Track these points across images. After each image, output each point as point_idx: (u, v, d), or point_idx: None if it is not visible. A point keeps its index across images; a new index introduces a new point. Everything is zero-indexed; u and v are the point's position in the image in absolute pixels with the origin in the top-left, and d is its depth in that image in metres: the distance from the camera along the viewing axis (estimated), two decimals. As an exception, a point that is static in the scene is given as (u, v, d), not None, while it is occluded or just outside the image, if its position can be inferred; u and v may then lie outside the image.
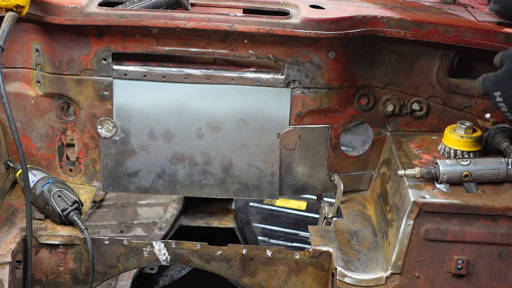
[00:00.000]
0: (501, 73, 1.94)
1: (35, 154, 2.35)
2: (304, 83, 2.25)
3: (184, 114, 2.29)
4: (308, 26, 2.16)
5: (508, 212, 1.96)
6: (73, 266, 2.16)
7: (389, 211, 2.12)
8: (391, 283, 2.01)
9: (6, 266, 1.97)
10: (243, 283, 2.20)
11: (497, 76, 1.95)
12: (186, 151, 2.32)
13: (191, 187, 2.36)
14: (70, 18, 2.14)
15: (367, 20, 2.21)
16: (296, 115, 2.29)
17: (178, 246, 2.16)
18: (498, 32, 2.23)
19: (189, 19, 2.16)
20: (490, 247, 1.98)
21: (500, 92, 1.93)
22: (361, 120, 2.36)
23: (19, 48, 2.25)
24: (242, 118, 2.29)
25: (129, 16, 2.14)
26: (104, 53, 2.21)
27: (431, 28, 2.21)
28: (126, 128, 2.30)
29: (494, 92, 1.95)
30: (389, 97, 2.31)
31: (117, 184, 2.35)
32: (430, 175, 2.05)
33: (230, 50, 2.22)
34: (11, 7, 2.04)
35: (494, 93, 1.95)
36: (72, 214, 2.13)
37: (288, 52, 2.21)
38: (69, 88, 2.26)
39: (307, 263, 2.15)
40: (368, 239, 2.18)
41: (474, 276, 2.00)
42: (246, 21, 2.16)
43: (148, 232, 3.32)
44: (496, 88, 1.94)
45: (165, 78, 2.25)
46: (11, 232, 2.10)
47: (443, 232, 1.98)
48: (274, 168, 2.34)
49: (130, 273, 3.00)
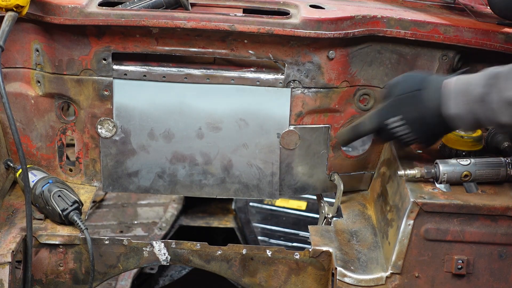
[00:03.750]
0: (397, 97, 2.01)
1: (35, 154, 2.35)
2: (304, 83, 2.25)
3: (184, 114, 2.29)
4: (308, 26, 2.16)
5: (508, 212, 1.96)
6: (73, 266, 2.16)
7: (389, 211, 2.12)
8: (391, 283, 2.01)
9: (6, 266, 1.97)
10: (243, 283, 2.20)
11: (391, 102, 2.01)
12: (186, 151, 2.32)
13: (191, 187, 2.36)
14: (70, 18, 2.14)
15: (367, 20, 2.21)
16: (296, 115, 2.29)
17: (178, 246, 2.16)
18: (498, 32, 2.23)
19: (189, 19, 2.16)
20: (490, 247, 1.98)
21: (402, 115, 1.98)
22: (361, 120, 2.36)
23: (19, 48, 2.25)
24: (242, 118, 2.29)
25: (129, 16, 2.14)
26: (104, 53, 2.21)
27: (431, 28, 2.21)
28: (126, 128, 2.30)
29: (392, 118, 2.00)
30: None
31: (117, 184, 2.35)
32: (430, 175, 2.05)
33: (230, 50, 2.22)
34: (11, 7, 2.04)
35: (391, 119, 2.00)
36: (72, 214, 2.13)
37: (288, 52, 2.21)
38: (69, 88, 2.26)
39: (307, 263, 2.15)
40: (368, 239, 2.18)
41: (474, 276, 2.00)
42: (246, 21, 2.16)
43: (148, 232, 3.32)
44: (395, 113, 2.00)
45: (165, 78, 2.25)
46: (11, 232, 2.10)
47: (443, 232, 1.98)
48: (274, 168, 2.34)
49: (130, 273, 3.00)
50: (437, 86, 1.94)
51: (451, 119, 1.90)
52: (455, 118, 1.90)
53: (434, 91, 1.94)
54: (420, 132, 1.99)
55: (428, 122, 1.96)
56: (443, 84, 1.93)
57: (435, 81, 1.96)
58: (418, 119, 1.97)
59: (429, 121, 1.95)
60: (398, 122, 2.00)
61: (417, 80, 2.00)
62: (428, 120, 1.95)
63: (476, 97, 1.83)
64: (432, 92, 1.94)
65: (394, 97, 2.02)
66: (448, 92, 1.90)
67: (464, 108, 1.87)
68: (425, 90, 1.96)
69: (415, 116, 1.97)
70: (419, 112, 1.96)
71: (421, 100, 1.95)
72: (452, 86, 1.91)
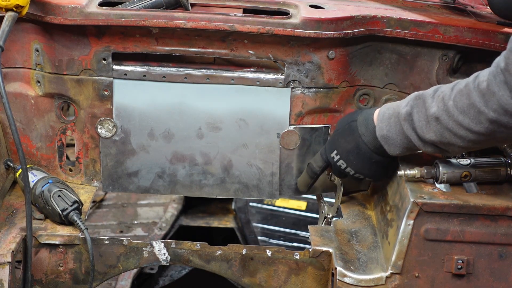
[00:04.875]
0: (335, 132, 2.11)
1: (35, 154, 2.35)
2: (304, 83, 2.25)
3: (184, 114, 2.29)
4: (308, 26, 2.16)
5: (508, 212, 1.96)
6: (73, 266, 2.16)
7: (389, 211, 2.12)
8: (391, 283, 2.01)
9: (6, 266, 1.97)
10: (243, 283, 2.20)
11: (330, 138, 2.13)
12: (186, 151, 2.32)
13: (191, 187, 2.36)
14: (70, 18, 2.14)
15: (367, 20, 2.21)
16: (296, 115, 2.29)
17: (178, 246, 2.16)
18: (498, 32, 2.23)
19: (189, 19, 2.16)
20: (490, 247, 1.98)
21: (336, 150, 2.08)
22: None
23: (19, 48, 2.25)
24: (242, 118, 2.29)
25: (129, 16, 2.15)
26: (104, 53, 2.21)
27: (431, 28, 2.21)
28: (126, 128, 2.30)
29: (331, 154, 2.10)
30: (389, 97, 2.31)
31: (117, 184, 2.35)
32: (430, 175, 2.05)
33: (230, 50, 2.22)
34: (11, 7, 2.04)
35: (332, 155, 2.10)
36: (72, 214, 2.13)
37: (288, 52, 2.21)
38: (69, 88, 2.26)
39: (307, 263, 2.15)
40: (368, 239, 2.18)
41: (474, 276, 2.00)
42: (246, 21, 2.16)
43: (148, 232, 3.32)
44: (333, 148, 2.09)
45: (165, 78, 2.25)
46: (11, 232, 2.10)
47: (443, 232, 1.98)
48: (274, 168, 2.34)
49: (130, 273, 3.00)
50: (370, 113, 2.03)
51: (383, 140, 1.99)
52: (386, 139, 1.98)
53: (366, 118, 2.04)
54: (356, 164, 2.07)
55: (362, 151, 2.04)
56: (376, 111, 2.03)
57: (369, 110, 2.06)
58: (352, 149, 2.06)
59: (363, 148, 2.03)
60: (337, 156, 2.09)
61: (353, 114, 2.11)
62: (362, 148, 2.03)
63: (404, 116, 1.93)
64: (364, 120, 2.04)
65: (334, 133, 2.12)
66: (380, 116, 2.00)
67: (393, 128, 1.96)
68: (358, 119, 2.05)
69: (350, 147, 2.06)
70: (353, 141, 2.05)
71: (354, 129, 2.05)
72: (383, 110, 2.00)
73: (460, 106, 1.80)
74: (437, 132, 1.87)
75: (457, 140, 1.85)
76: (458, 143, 1.86)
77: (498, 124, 1.77)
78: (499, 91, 1.73)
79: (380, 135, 1.99)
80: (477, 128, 1.80)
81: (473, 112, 1.79)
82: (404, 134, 1.95)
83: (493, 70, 1.76)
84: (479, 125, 1.79)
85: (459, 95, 1.81)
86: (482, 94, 1.76)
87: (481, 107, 1.77)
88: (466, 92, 1.80)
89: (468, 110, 1.79)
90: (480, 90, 1.77)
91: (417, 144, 1.94)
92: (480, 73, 1.81)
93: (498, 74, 1.74)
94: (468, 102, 1.79)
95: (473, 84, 1.79)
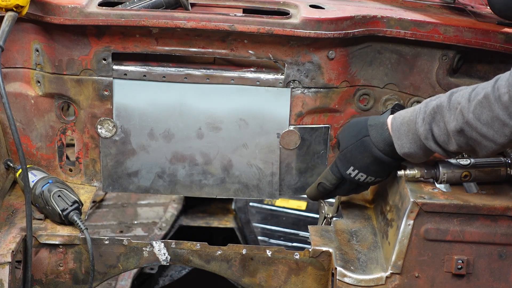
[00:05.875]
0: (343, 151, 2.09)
1: (35, 154, 2.35)
2: (304, 83, 2.25)
3: (184, 114, 2.29)
4: (308, 26, 2.16)
5: (508, 212, 1.96)
6: (73, 266, 2.16)
7: (389, 211, 2.12)
8: (391, 283, 2.01)
9: (6, 266, 1.97)
10: (243, 283, 2.20)
11: (342, 156, 2.10)
12: (186, 151, 2.32)
13: (191, 187, 2.36)
14: (70, 18, 2.14)
15: (367, 20, 2.21)
16: (296, 115, 2.29)
17: (178, 246, 2.16)
18: (498, 32, 2.23)
19: (189, 19, 2.16)
20: (490, 247, 1.98)
21: (354, 165, 2.07)
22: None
23: (19, 48, 2.25)
24: (242, 118, 2.29)
25: (129, 16, 2.15)
26: (104, 53, 2.21)
27: (431, 28, 2.21)
28: (126, 128, 2.30)
29: (347, 170, 2.09)
30: (389, 97, 2.31)
31: (117, 184, 2.35)
32: (430, 175, 2.05)
33: (230, 50, 2.22)
34: (11, 7, 2.04)
35: (347, 171, 2.09)
36: (72, 214, 2.13)
37: (288, 52, 2.21)
38: (69, 88, 2.26)
39: (307, 263, 2.15)
40: (368, 239, 2.18)
41: (474, 276, 1.99)
42: (246, 21, 2.16)
43: (148, 232, 3.32)
44: (348, 165, 2.08)
45: (165, 78, 2.25)
46: (11, 232, 2.09)
47: (443, 232, 1.98)
48: (274, 168, 2.34)
49: (130, 273, 3.00)
50: (381, 129, 2.02)
51: (407, 156, 1.99)
52: (409, 155, 1.99)
53: (380, 134, 2.02)
54: (376, 172, 2.08)
55: (384, 162, 2.04)
56: (388, 124, 2.02)
57: (378, 123, 2.04)
58: (372, 162, 2.05)
59: (385, 160, 2.04)
60: (355, 171, 2.08)
61: (360, 127, 2.07)
62: (384, 160, 2.04)
63: (424, 135, 1.92)
64: (378, 135, 2.03)
65: (344, 149, 2.09)
66: (394, 134, 1.99)
67: (414, 146, 1.96)
68: (371, 135, 2.04)
69: (369, 161, 2.05)
70: (372, 156, 2.04)
71: (370, 145, 2.03)
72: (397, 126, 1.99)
73: (483, 119, 1.79)
74: (461, 143, 1.87)
75: (481, 149, 1.85)
76: (482, 152, 1.86)
77: None
78: None
79: (403, 153, 1.99)
80: (502, 140, 1.79)
81: (497, 124, 1.78)
82: (428, 150, 1.95)
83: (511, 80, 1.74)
84: (504, 137, 1.79)
85: (480, 107, 1.79)
86: (505, 107, 1.75)
87: (506, 119, 1.76)
88: (488, 105, 1.78)
89: (492, 122, 1.78)
90: (502, 103, 1.75)
91: (442, 154, 1.95)
92: (499, 81, 1.78)
93: None
94: (491, 115, 1.78)
95: (493, 96, 1.77)
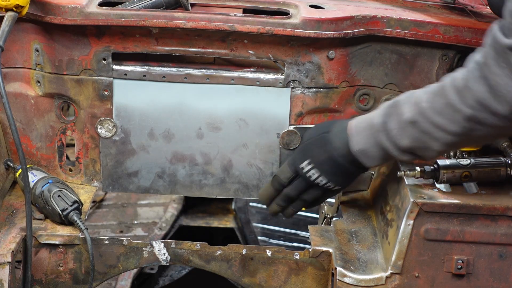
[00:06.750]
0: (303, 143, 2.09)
1: (35, 154, 2.35)
2: (304, 83, 2.25)
3: (184, 114, 2.29)
4: (308, 26, 2.16)
5: (508, 212, 1.96)
6: (73, 266, 2.16)
7: (389, 211, 2.12)
8: (391, 283, 2.01)
9: (6, 266, 1.97)
10: (243, 283, 2.20)
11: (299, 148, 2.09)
12: (186, 151, 2.32)
13: (191, 187, 2.36)
14: (70, 18, 2.14)
15: (367, 20, 2.21)
16: (296, 115, 2.29)
17: (178, 246, 2.16)
18: (498, 32, 2.23)
19: (189, 19, 2.16)
20: (490, 247, 1.98)
21: (310, 159, 2.03)
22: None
23: (19, 48, 2.25)
24: (242, 118, 2.29)
25: (129, 16, 2.15)
26: (104, 53, 2.21)
27: (431, 28, 2.21)
28: (126, 128, 2.30)
29: (301, 164, 2.04)
30: (389, 97, 2.31)
31: (117, 184, 2.35)
32: (430, 175, 2.05)
33: (230, 50, 2.22)
34: (11, 7, 2.04)
35: (302, 165, 2.04)
36: (72, 214, 2.13)
37: (288, 52, 2.21)
38: (69, 88, 2.26)
39: (307, 263, 2.15)
40: (368, 239, 2.18)
41: (474, 276, 2.00)
42: (246, 21, 2.16)
43: (148, 232, 3.32)
44: (305, 158, 2.04)
45: (165, 78, 2.25)
46: (11, 232, 2.10)
47: (443, 232, 1.98)
48: (274, 168, 2.34)
49: (130, 273, 3.00)
50: (343, 126, 2.00)
51: (359, 154, 1.96)
52: (362, 153, 1.95)
53: (339, 131, 2.00)
54: (330, 174, 2.03)
55: (338, 163, 2.00)
56: (349, 123, 2.00)
57: (341, 122, 2.03)
58: (326, 160, 2.02)
59: (339, 161, 2.00)
60: (309, 166, 2.04)
61: (324, 125, 2.08)
62: (338, 160, 2.00)
63: (378, 127, 1.90)
64: (337, 132, 2.00)
65: (304, 142, 2.09)
66: (353, 129, 1.97)
67: (369, 141, 1.93)
68: (331, 132, 2.02)
69: (324, 158, 2.02)
70: (327, 153, 2.01)
71: (328, 141, 2.01)
72: (355, 123, 1.98)
73: (436, 107, 1.79)
74: (413, 137, 1.85)
75: (433, 143, 1.83)
76: (434, 146, 1.84)
77: (474, 122, 1.75)
78: (476, 86, 1.71)
79: (357, 149, 1.96)
80: (453, 127, 1.78)
81: (449, 111, 1.77)
82: (380, 146, 1.92)
83: (470, 67, 1.74)
84: (455, 124, 1.77)
85: (434, 96, 1.80)
86: (458, 91, 1.75)
87: (457, 104, 1.75)
88: (442, 92, 1.79)
89: (444, 109, 1.78)
90: (456, 87, 1.76)
91: (394, 153, 1.91)
92: (454, 72, 1.79)
93: (474, 70, 1.73)
94: (444, 102, 1.78)
95: (449, 83, 1.78)
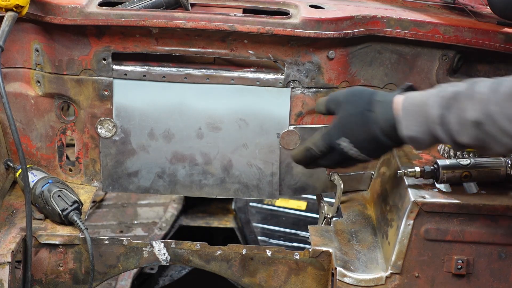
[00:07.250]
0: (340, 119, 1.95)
1: (35, 154, 2.35)
2: (304, 83, 2.25)
3: (184, 114, 2.29)
4: (308, 26, 2.16)
5: (508, 212, 1.96)
6: (73, 266, 2.16)
7: (389, 211, 2.12)
8: (391, 283, 2.01)
9: (6, 266, 1.97)
10: (243, 283, 2.20)
11: (337, 123, 1.96)
12: (186, 151, 2.32)
13: (191, 187, 2.36)
14: (70, 18, 2.14)
15: (367, 20, 2.21)
16: (296, 115, 2.29)
17: (178, 246, 2.16)
18: (498, 32, 2.23)
19: (189, 19, 2.16)
20: (490, 247, 1.98)
21: (349, 137, 1.93)
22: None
23: (19, 48, 2.25)
24: (242, 118, 2.29)
25: (129, 16, 2.15)
26: (104, 53, 2.21)
27: (431, 28, 2.21)
28: (126, 128, 2.30)
29: (338, 140, 1.95)
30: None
31: (117, 184, 2.35)
32: (430, 175, 2.05)
33: (230, 50, 2.22)
34: (11, 7, 2.04)
35: (339, 141, 1.95)
36: (72, 214, 2.13)
37: (288, 52, 2.21)
38: (69, 88, 2.26)
39: (307, 263, 2.15)
40: (368, 239, 2.18)
41: (474, 276, 2.00)
42: (246, 21, 2.16)
43: (148, 232, 3.32)
44: (341, 135, 1.94)
45: (165, 78, 2.25)
46: (11, 232, 2.10)
47: (443, 232, 1.98)
48: (274, 168, 2.34)
49: (130, 273, 3.01)
50: (388, 106, 1.88)
51: (408, 140, 1.86)
52: (412, 139, 1.85)
53: (385, 111, 1.88)
54: (370, 150, 1.94)
55: (381, 143, 1.90)
56: (394, 102, 1.88)
57: (384, 99, 1.90)
58: (369, 140, 1.91)
59: (383, 141, 1.90)
60: (347, 143, 1.94)
61: (365, 99, 1.94)
62: (382, 141, 1.90)
63: (434, 118, 1.79)
64: (383, 113, 1.88)
65: (341, 117, 1.96)
66: (402, 113, 1.85)
67: (421, 129, 1.82)
68: (375, 112, 1.90)
69: (365, 137, 1.92)
70: (371, 134, 1.90)
71: (372, 121, 1.90)
72: (404, 105, 1.85)
73: (508, 113, 1.67)
74: (475, 137, 1.74)
75: (495, 146, 1.73)
76: (496, 149, 1.74)
77: None
78: None
79: (408, 136, 1.85)
80: None
81: None
82: (434, 136, 1.81)
83: None
84: None
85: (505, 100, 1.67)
86: None
87: None
88: None
89: None
90: None
91: (447, 143, 1.82)
92: None
93: None
94: None
95: None
